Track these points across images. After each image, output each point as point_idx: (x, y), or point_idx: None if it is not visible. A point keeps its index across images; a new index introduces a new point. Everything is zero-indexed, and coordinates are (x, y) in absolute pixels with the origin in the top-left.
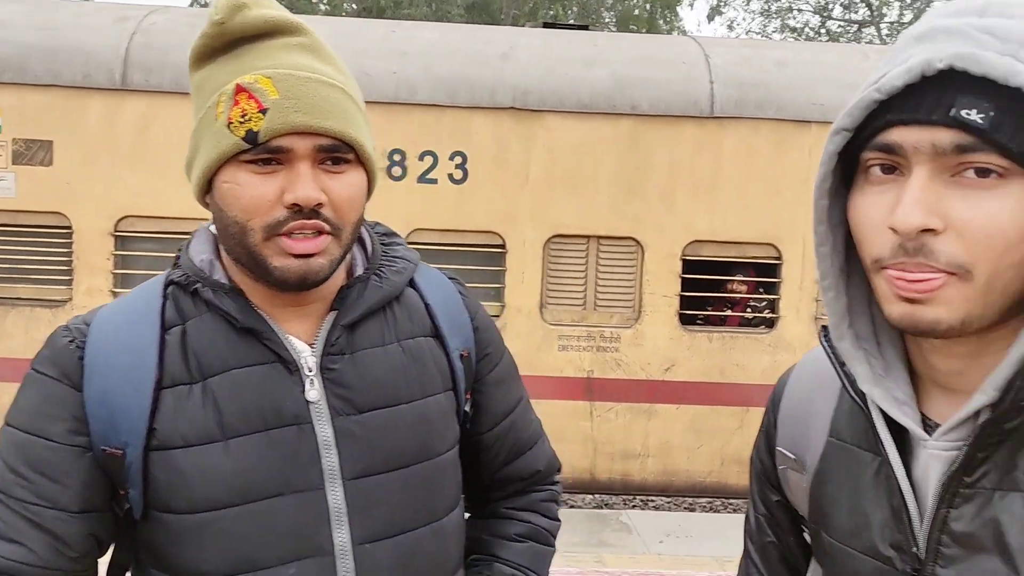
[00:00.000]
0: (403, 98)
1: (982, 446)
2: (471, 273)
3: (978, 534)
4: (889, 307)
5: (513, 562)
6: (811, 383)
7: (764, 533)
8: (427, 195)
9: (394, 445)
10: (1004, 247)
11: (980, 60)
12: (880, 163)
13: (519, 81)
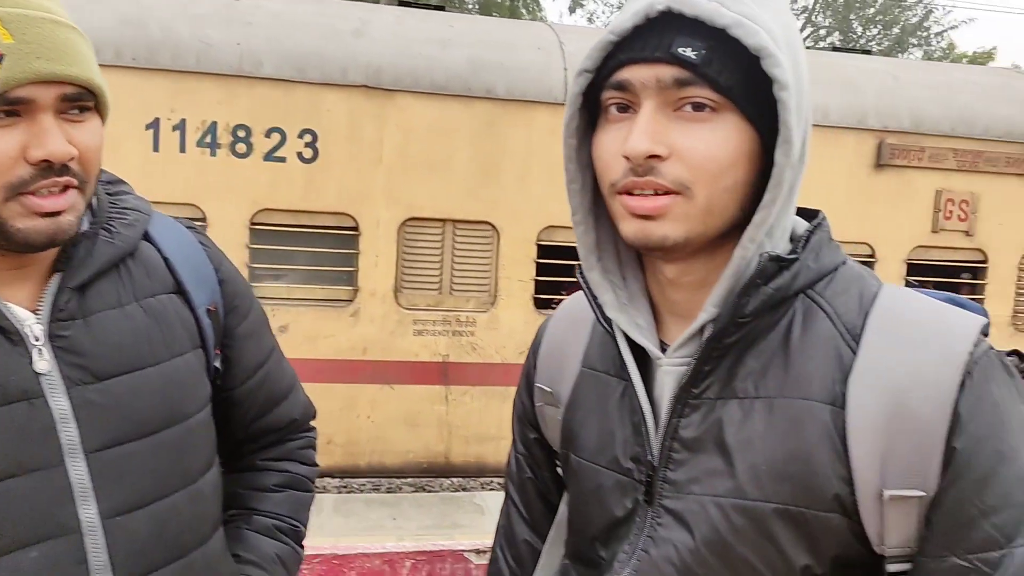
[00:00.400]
0: (247, 71)
1: (706, 360)
2: (322, 256)
3: (702, 438)
4: (624, 225)
5: (273, 512)
6: (568, 323)
7: (523, 471)
8: (275, 174)
9: (141, 412)
10: (718, 171)
11: (692, 3)
12: (616, 102)
13: (372, 59)
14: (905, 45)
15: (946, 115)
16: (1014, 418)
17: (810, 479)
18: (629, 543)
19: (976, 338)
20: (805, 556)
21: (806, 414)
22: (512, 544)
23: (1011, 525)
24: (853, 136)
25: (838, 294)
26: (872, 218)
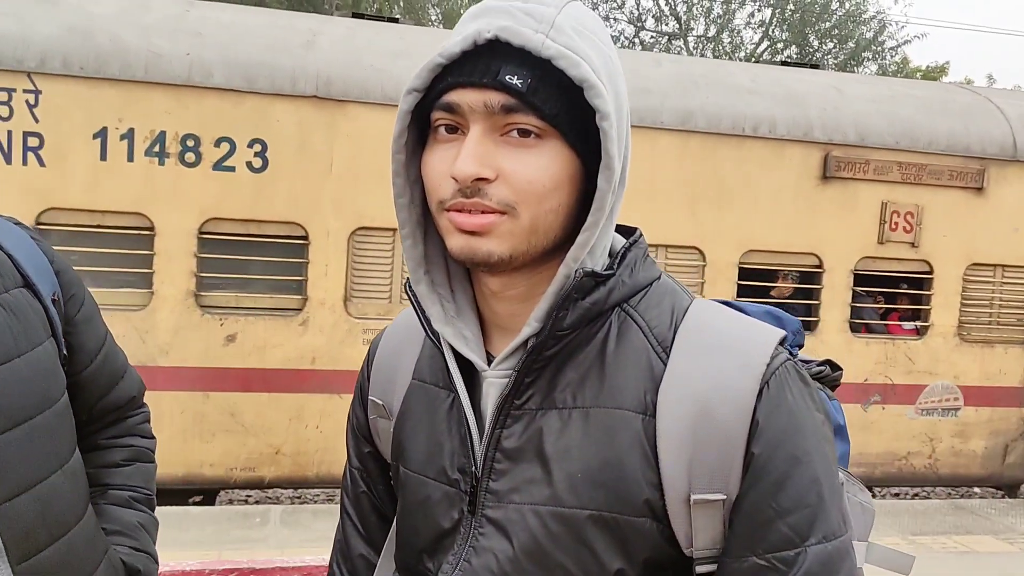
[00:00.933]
0: (197, 81)
1: (528, 371)
2: (272, 265)
3: (523, 448)
4: (451, 240)
5: (127, 485)
6: (401, 336)
7: (357, 485)
8: (224, 183)
9: (15, 401)
10: (543, 193)
11: (519, 33)
12: (445, 123)
13: (322, 69)
14: (860, 59)
15: (890, 128)
16: (808, 424)
17: (622, 485)
18: (454, 554)
19: (774, 350)
20: (618, 560)
21: (619, 423)
22: (348, 559)
23: (805, 525)
24: (800, 149)
25: (651, 308)
26: (819, 229)
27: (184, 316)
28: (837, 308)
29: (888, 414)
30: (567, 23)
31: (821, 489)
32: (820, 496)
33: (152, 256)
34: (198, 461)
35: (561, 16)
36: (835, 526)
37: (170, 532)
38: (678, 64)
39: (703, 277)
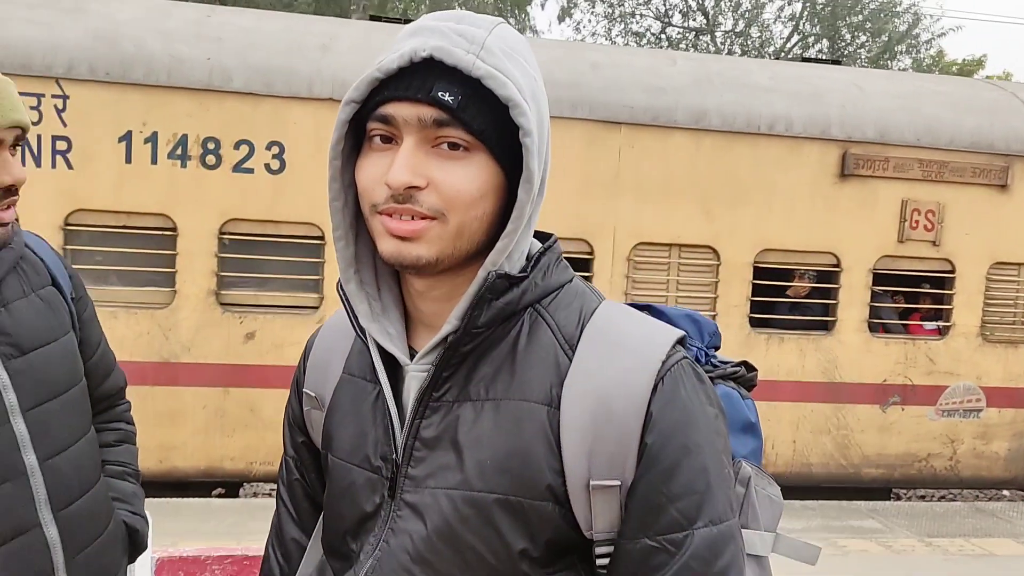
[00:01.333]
0: (217, 85)
1: (446, 366)
2: (289, 265)
3: (440, 437)
4: (383, 243)
5: (119, 461)
6: (334, 333)
7: (291, 473)
8: (243, 185)
9: (55, 377)
10: (470, 201)
11: (452, 53)
12: (380, 133)
13: (338, 73)
14: (893, 53)
15: (912, 125)
16: (700, 418)
17: (527, 471)
18: (374, 535)
19: (670, 349)
20: (523, 540)
21: (526, 414)
22: (282, 543)
23: (693, 510)
24: (817, 146)
25: (561, 308)
26: (837, 228)
27: (205, 314)
28: (855, 308)
29: (908, 415)
30: (496, 45)
31: (709, 477)
32: (708, 484)
33: (175, 256)
34: (219, 455)
35: (491, 38)
36: (721, 511)
37: (192, 523)
38: (693, 62)
39: (717, 276)
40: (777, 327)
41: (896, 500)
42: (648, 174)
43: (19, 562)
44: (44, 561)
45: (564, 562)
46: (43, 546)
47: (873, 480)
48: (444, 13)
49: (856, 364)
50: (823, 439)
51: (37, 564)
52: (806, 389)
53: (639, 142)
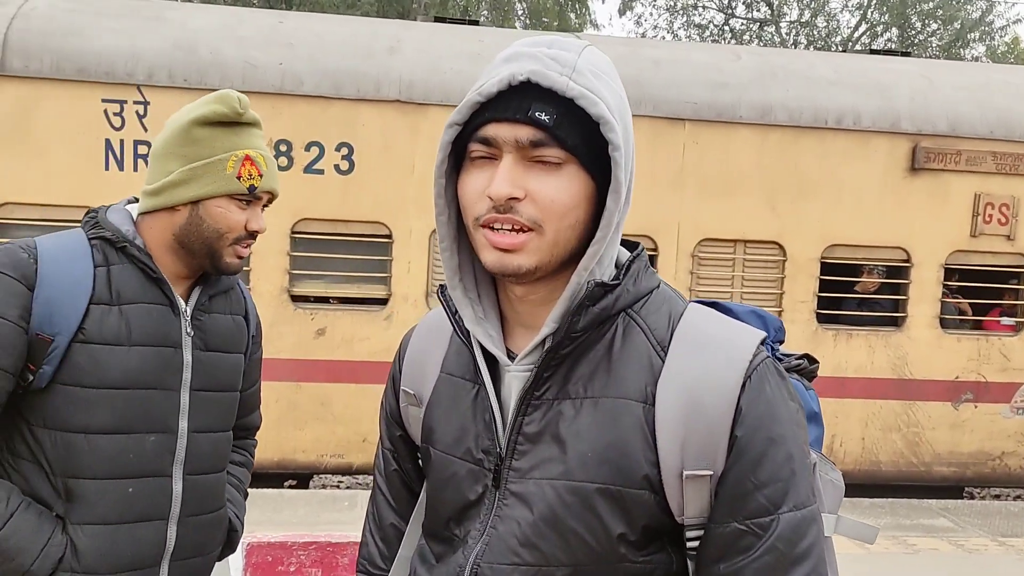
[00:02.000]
0: (288, 89)
1: (546, 367)
2: (357, 263)
3: (542, 432)
4: (486, 255)
5: (237, 476)
6: (429, 334)
7: (389, 464)
8: (314, 185)
9: (222, 375)
10: (563, 211)
11: (547, 76)
12: (480, 153)
13: (405, 74)
14: (966, 41)
15: (984, 117)
16: (783, 412)
17: (625, 462)
18: (480, 522)
19: (755, 349)
20: (621, 525)
21: (623, 410)
22: (381, 527)
23: (779, 496)
24: (886, 140)
25: (651, 313)
26: (907, 223)
27: (278, 310)
28: (926, 303)
29: (981, 413)
30: (586, 67)
31: (793, 465)
32: (792, 471)
33: (249, 256)
34: (292, 447)
35: (581, 60)
36: (804, 497)
37: (266, 513)
38: (757, 57)
39: (783, 272)
40: (845, 323)
41: (969, 499)
42: (712, 170)
43: (149, 498)
44: (164, 506)
45: (657, 545)
46: (168, 495)
47: (944, 479)
48: (535, 39)
49: (927, 360)
50: (893, 436)
51: (158, 505)
52: (875, 386)
53: (703, 138)
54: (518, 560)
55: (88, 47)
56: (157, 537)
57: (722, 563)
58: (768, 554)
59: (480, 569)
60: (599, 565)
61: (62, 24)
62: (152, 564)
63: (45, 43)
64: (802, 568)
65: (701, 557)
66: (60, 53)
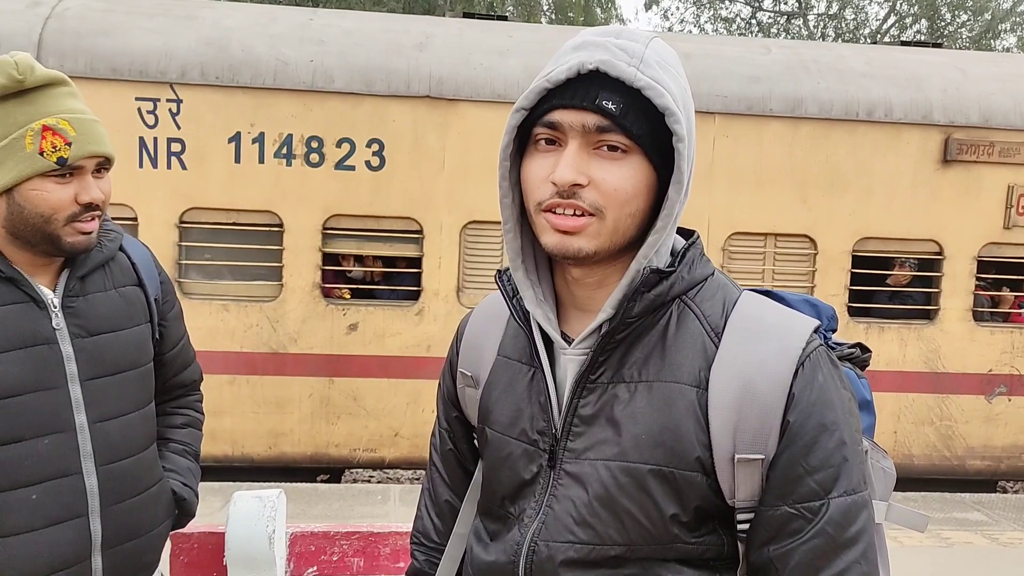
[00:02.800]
0: (320, 86)
1: (602, 352)
2: (389, 258)
3: (597, 415)
4: (546, 237)
5: (182, 441)
6: (486, 319)
7: (445, 443)
8: (345, 181)
9: (117, 357)
10: (625, 199)
11: (616, 66)
12: (546, 137)
13: (434, 70)
14: (997, 32)
15: (1017, 108)
16: (835, 399)
17: (679, 445)
18: (535, 500)
19: (809, 337)
20: (673, 506)
21: (677, 394)
22: (436, 503)
23: (829, 481)
24: (918, 132)
25: (706, 300)
26: (939, 215)
27: (310, 306)
28: (959, 296)
29: (1015, 406)
30: (653, 58)
31: (845, 451)
32: (844, 457)
33: (281, 251)
34: (324, 442)
35: (648, 51)
36: (856, 483)
37: (300, 506)
38: (788, 50)
39: (814, 266)
40: (877, 316)
41: (1003, 493)
42: (742, 163)
43: (56, 499)
44: (80, 504)
45: (708, 527)
46: (80, 491)
47: (978, 472)
48: (603, 29)
49: (960, 354)
50: (925, 430)
51: (73, 505)
52: (907, 379)
53: (733, 131)
54: (573, 538)
55: (121, 46)
56: (79, 535)
57: (771, 545)
58: (817, 537)
59: (537, 547)
60: (652, 546)
61: (96, 24)
62: (79, 560)
63: (79, 43)
64: (852, 552)
65: (751, 539)
66: (94, 53)
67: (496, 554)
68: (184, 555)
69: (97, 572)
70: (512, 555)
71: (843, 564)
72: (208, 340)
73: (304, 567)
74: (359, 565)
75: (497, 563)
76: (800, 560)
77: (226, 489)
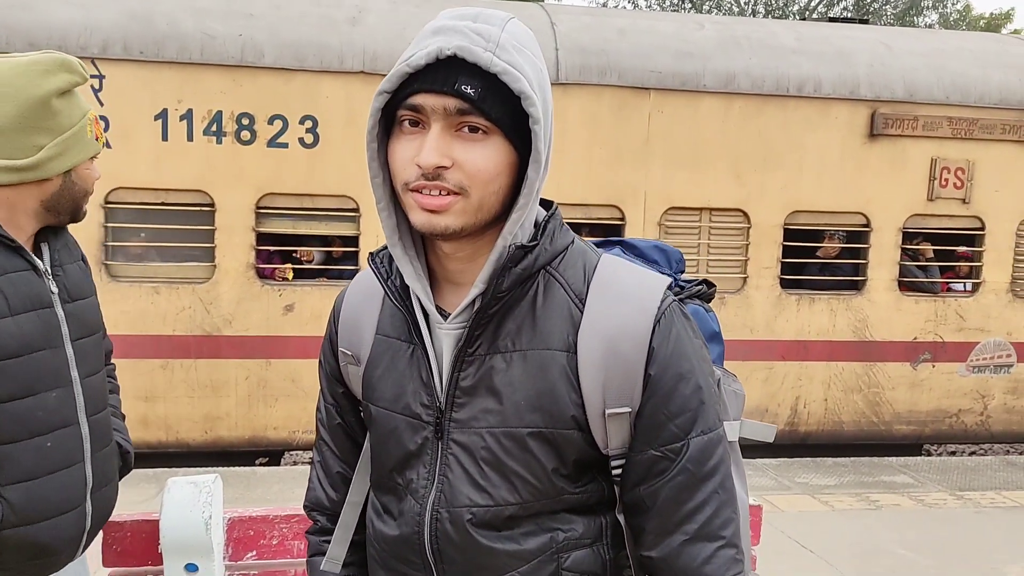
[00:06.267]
0: (249, 61)
1: (477, 326)
2: (327, 237)
3: (477, 385)
4: (415, 216)
5: (113, 404)
6: (360, 298)
7: (332, 418)
8: (278, 159)
9: (90, 321)
10: (488, 178)
11: (472, 52)
12: (409, 119)
13: (368, 45)
14: (919, 9)
15: (940, 83)
16: (689, 349)
17: (555, 407)
18: (426, 471)
19: (663, 295)
20: (555, 462)
21: (549, 360)
22: (328, 474)
23: (688, 424)
24: (846, 107)
25: (568, 268)
26: (866, 188)
27: (245, 287)
28: (885, 267)
29: (938, 372)
30: (509, 41)
31: (701, 395)
32: (700, 401)
33: (213, 231)
34: (263, 425)
35: (504, 35)
36: (711, 423)
37: (238, 491)
38: (720, 26)
39: (748, 239)
40: (808, 288)
41: (927, 456)
42: (677, 139)
43: (63, 446)
44: (78, 451)
45: (588, 476)
46: (79, 439)
47: (904, 437)
48: (461, 11)
49: (887, 323)
50: (854, 397)
51: (74, 451)
52: (837, 348)
53: (667, 107)
54: (470, 503)
55: (40, 20)
56: (79, 478)
57: (642, 485)
58: (681, 475)
59: (439, 514)
60: (543, 500)
61: None
62: (80, 502)
63: None
64: (711, 484)
65: (624, 481)
66: (10, 26)
67: (399, 527)
68: (117, 544)
69: (88, 514)
70: (415, 526)
71: (704, 495)
72: (138, 324)
73: (243, 552)
74: (299, 548)
75: (402, 536)
76: (667, 495)
77: (161, 476)
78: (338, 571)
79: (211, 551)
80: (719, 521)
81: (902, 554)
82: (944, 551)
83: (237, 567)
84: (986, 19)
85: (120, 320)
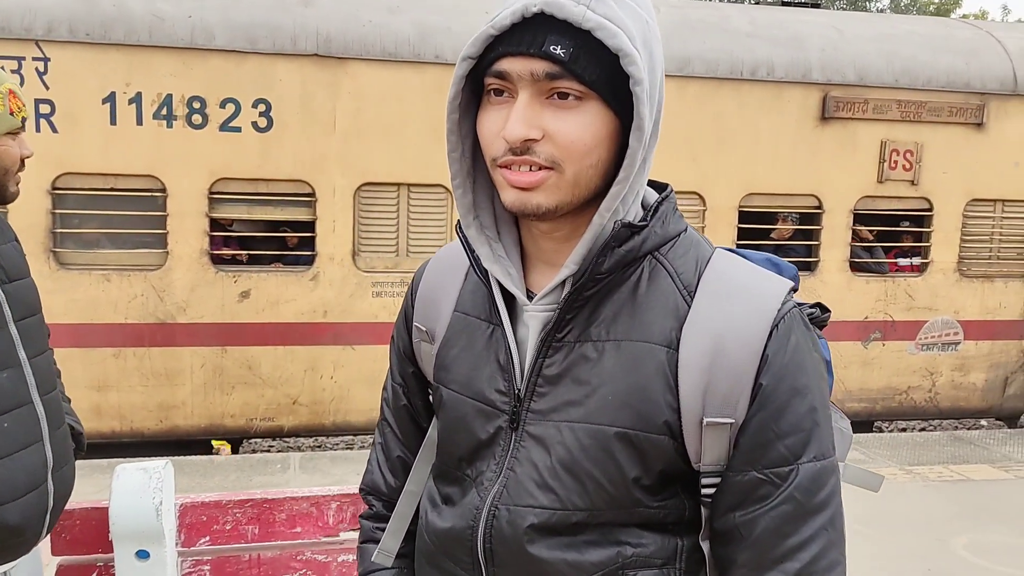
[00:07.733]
0: (200, 43)
1: (569, 309)
2: (279, 223)
3: (562, 374)
4: (505, 194)
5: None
6: (442, 270)
7: (399, 399)
8: (231, 143)
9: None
10: (584, 151)
11: (562, 6)
12: (495, 87)
13: (322, 27)
14: None
15: (890, 67)
16: (808, 362)
17: (646, 407)
18: (495, 463)
19: (784, 298)
20: (636, 469)
21: (646, 354)
22: (388, 458)
23: (799, 446)
24: (799, 90)
25: (679, 256)
26: (818, 170)
27: (199, 274)
28: (837, 248)
29: (888, 350)
30: None
31: (816, 416)
32: (815, 422)
33: (165, 217)
34: (219, 413)
35: None
36: (825, 448)
37: (196, 479)
38: (675, 9)
39: (704, 222)
40: None
41: (879, 432)
42: None
43: (22, 426)
44: (36, 430)
45: (671, 490)
46: (36, 418)
47: (856, 414)
48: None
49: (838, 302)
50: None
51: (32, 430)
52: None
53: None
54: (534, 503)
55: None
56: (40, 457)
57: (738, 511)
58: (786, 503)
59: (498, 511)
60: (614, 510)
61: None
62: (43, 481)
63: None
64: (819, 519)
65: (716, 505)
66: None
67: (453, 520)
68: (67, 532)
69: (50, 493)
70: (471, 520)
71: (810, 531)
72: (89, 312)
73: (196, 538)
74: (254, 533)
75: (454, 529)
76: (767, 526)
77: (114, 466)
78: (390, 564)
79: (162, 537)
80: (824, 563)
81: (855, 528)
82: (894, 524)
83: (190, 553)
84: (936, 4)
85: (70, 308)
